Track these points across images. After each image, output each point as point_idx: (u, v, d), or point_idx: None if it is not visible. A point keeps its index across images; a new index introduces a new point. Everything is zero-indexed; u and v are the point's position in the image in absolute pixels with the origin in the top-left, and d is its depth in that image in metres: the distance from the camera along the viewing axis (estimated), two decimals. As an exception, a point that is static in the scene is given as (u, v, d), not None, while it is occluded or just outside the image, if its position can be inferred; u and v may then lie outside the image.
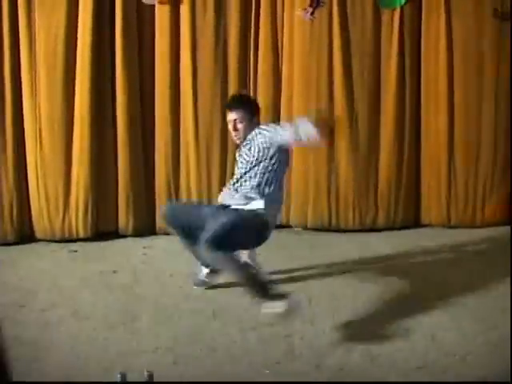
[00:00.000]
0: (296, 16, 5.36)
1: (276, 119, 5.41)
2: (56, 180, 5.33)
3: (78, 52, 5.23)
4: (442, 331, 3.69)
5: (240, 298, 4.16)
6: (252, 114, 4.12)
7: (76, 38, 5.19)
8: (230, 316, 3.94)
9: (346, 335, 3.68)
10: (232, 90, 5.38)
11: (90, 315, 3.96)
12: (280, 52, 5.46)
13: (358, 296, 4.22)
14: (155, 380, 2.35)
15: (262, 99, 5.34)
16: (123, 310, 4.03)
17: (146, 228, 5.53)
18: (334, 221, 5.61)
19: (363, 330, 3.74)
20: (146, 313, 3.99)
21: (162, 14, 5.33)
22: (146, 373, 2.65)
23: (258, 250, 4.33)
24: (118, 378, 2.42)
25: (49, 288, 4.40)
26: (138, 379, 2.51)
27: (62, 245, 5.28)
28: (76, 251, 5.16)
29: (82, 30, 5.17)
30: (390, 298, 4.18)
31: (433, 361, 3.36)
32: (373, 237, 5.50)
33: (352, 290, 4.33)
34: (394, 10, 5.43)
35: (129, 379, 2.38)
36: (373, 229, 5.62)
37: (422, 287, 4.35)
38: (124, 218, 5.46)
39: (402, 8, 5.42)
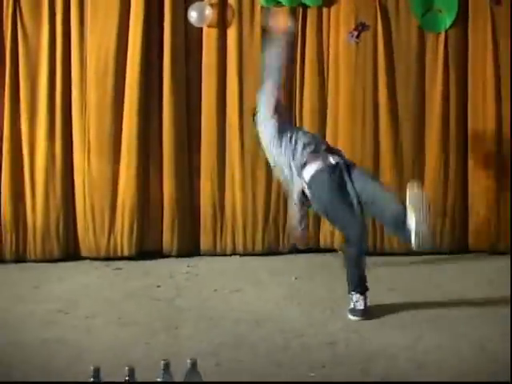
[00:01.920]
0: (341, 39, 5.40)
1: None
2: (102, 199, 5.38)
3: (127, 73, 5.33)
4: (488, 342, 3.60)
5: (283, 310, 4.16)
6: None
7: (126, 59, 5.30)
8: (273, 325, 3.91)
9: (391, 343, 3.61)
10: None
11: (132, 323, 3.97)
12: (326, 74, 5.48)
13: (403, 308, 4.17)
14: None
15: (308, 121, 5.40)
16: (166, 318, 4.04)
17: (190, 248, 5.52)
18: (378, 245, 5.54)
19: (407, 339, 3.67)
20: (189, 321, 4.00)
21: (209, 37, 5.41)
22: (188, 361, 2.64)
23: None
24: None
25: (92, 299, 4.44)
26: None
27: (107, 263, 5.30)
28: (120, 269, 5.17)
29: (131, 50, 5.28)
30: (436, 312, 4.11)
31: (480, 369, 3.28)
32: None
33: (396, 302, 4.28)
34: (438, 33, 5.43)
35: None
36: (418, 253, 5.50)
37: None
38: (168, 238, 5.47)
39: (446, 31, 5.42)
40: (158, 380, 2.56)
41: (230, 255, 5.52)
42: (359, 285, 4.04)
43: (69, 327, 3.89)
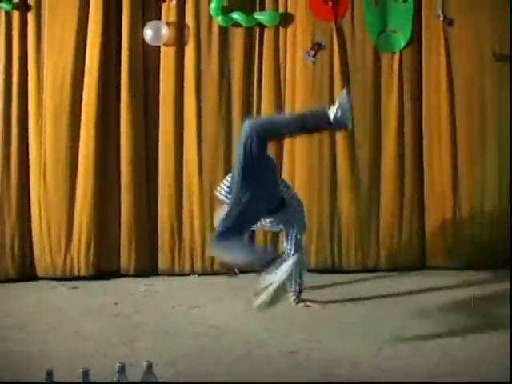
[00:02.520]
0: (298, 58, 5.46)
1: (279, 155, 5.48)
2: (59, 218, 5.30)
3: (84, 93, 5.29)
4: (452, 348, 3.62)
5: (243, 323, 4.13)
6: None
7: (83, 76, 5.27)
8: (233, 337, 3.87)
9: (353, 352, 3.60)
10: (235, 129, 5.43)
11: (89, 337, 3.89)
12: (283, 92, 5.53)
13: (365, 319, 4.18)
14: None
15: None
16: (123, 333, 3.97)
17: (148, 268, 5.46)
18: (337, 262, 5.55)
19: (370, 347, 3.66)
20: (147, 335, 3.93)
21: (167, 56, 5.43)
22: (144, 363, 2.60)
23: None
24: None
25: (49, 315, 4.36)
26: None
27: (63, 282, 5.20)
28: (77, 288, 5.08)
29: (89, 67, 5.26)
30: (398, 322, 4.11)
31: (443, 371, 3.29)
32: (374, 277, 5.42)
33: (358, 315, 4.28)
34: (393, 53, 5.53)
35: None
36: (375, 270, 5.54)
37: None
38: (126, 258, 5.41)
39: (401, 51, 5.52)
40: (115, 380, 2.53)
41: (189, 274, 5.47)
42: None
43: (24, 342, 3.79)
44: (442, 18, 5.48)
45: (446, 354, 3.53)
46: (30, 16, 5.23)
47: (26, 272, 5.30)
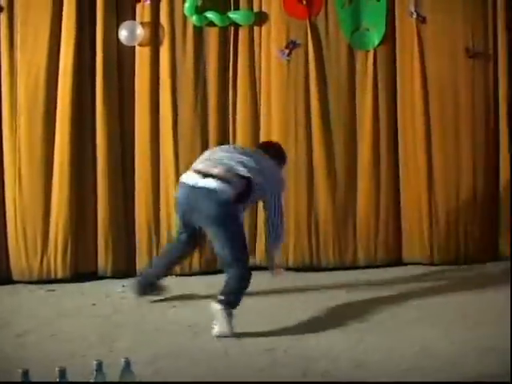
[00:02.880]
0: (273, 56, 5.47)
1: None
2: (35, 221, 5.24)
3: (58, 95, 5.24)
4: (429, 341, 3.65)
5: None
6: None
7: (57, 79, 5.22)
8: (211, 336, 3.86)
9: (331, 347, 3.61)
10: (212, 128, 5.46)
11: (67, 339, 3.86)
12: (258, 91, 5.54)
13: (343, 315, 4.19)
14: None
15: (241, 137, 5.42)
16: (102, 333, 3.96)
17: (125, 269, 5.42)
18: (315, 260, 5.57)
19: (348, 342, 3.68)
20: (126, 335, 3.92)
21: (142, 56, 5.41)
22: (122, 359, 2.59)
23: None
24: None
25: (25, 318, 4.32)
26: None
27: (40, 285, 5.15)
28: (54, 290, 5.04)
29: (62, 72, 5.22)
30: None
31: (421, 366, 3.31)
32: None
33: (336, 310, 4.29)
34: (367, 51, 5.56)
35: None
36: (353, 267, 5.56)
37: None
38: (103, 260, 5.36)
39: (375, 49, 5.56)
40: (91, 381, 2.51)
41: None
42: None
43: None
44: (414, 16, 5.51)
45: (424, 348, 3.55)
46: (3, 17, 5.16)
47: (2, 276, 5.23)
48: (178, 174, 5.39)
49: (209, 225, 4.18)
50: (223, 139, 5.44)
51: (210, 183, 4.09)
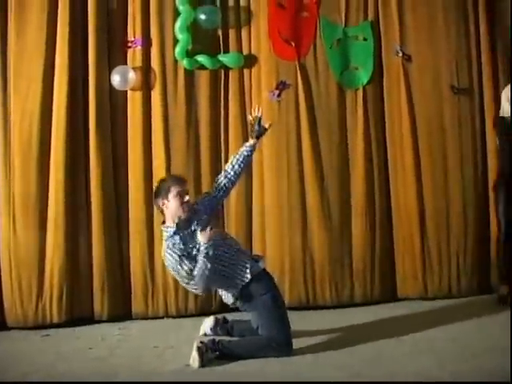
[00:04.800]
0: (264, 98, 5.55)
1: (249, 200, 5.60)
2: (30, 267, 5.26)
3: (52, 140, 5.31)
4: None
5: (220, 362, 4.10)
6: None
7: (51, 123, 5.30)
8: (211, 375, 3.85)
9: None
10: (204, 171, 5.52)
11: (65, 381, 3.83)
12: (250, 133, 5.56)
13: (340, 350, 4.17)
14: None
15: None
16: (99, 375, 3.92)
17: (121, 313, 5.41)
18: (311, 299, 5.56)
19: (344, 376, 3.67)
20: (123, 375, 3.89)
21: (134, 100, 5.49)
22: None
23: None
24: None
25: (21, 363, 4.28)
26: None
27: (35, 331, 5.13)
28: (48, 335, 5.02)
29: (56, 114, 5.30)
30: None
31: None
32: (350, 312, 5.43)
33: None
34: (356, 89, 5.66)
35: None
36: (350, 304, 5.55)
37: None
38: (99, 304, 5.36)
39: (364, 87, 5.65)
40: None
41: (163, 317, 5.44)
42: None
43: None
44: (400, 55, 5.63)
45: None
46: (-4, 63, 5.29)
47: (-4, 323, 5.24)
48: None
49: None
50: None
51: None
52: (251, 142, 4.65)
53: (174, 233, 4.25)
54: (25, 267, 5.26)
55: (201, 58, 5.48)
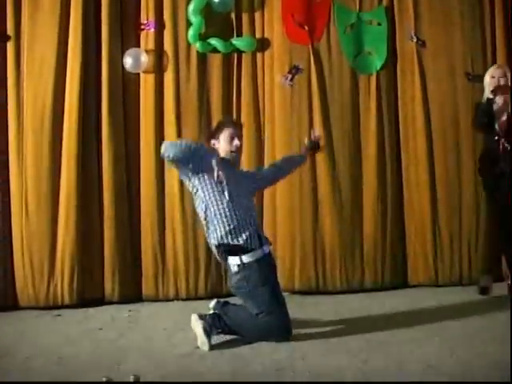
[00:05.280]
0: (276, 82, 5.53)
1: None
2: (41, 248, 5.31)
3: (64, 122, 5.34)
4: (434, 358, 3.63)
5: (229, 343, 4.11)
6: None
7: (63, 106, 5.33)
8: (219, 357, 3.86)
9: (337, 367, 3.60)
10: (216, 153, 5.50)
11: (73, 363, 3.84)
12: (262, 117, 5.60)
13: (349, 336, 4.18)
14: None
15: (245, 161, 5.42)
16: (108, 357, 3.93)
17: (132, 295, 5.45)
18: (321, 283, 5.56)
19: (354, 362, 3.67)
20: (132, 358, 3.89)
21: (146, 82, 5.50)
22: (131, 376, 2.59)
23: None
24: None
25: (31, 343, 4.30)
26: None
27: (47, 311, 5.18)
28: (60, 315, 5.06)
29: (68, 99, 5.32)
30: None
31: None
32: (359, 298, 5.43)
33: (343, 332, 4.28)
34: (370, 74, 5.62)
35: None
36: (360, 290, 5.56)
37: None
38: (110, 285, 5.40)
39: (377, 73, 5.62)
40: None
41: (173, 300, 5.47)
42: None
43: (6, 369, 3.74)
44: (414, 40, 5.59)
45: (430, 367, 3.54)
46: (10, 46, 5.29)
47: (9, 303, 5.28)
48: (182, 201, 5.46)
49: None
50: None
51: None
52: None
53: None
54: (36, 249, 5.31)
55: (214, 42, 5.48)
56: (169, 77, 5.50)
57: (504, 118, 4.97)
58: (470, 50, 5.65)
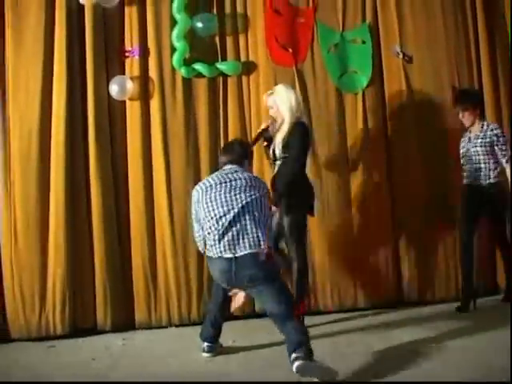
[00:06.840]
0: (262, 104, 5.52)
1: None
2: (32, 278, 5.26)
3: (52, 147, 5.33)
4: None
5: (223, 368, 4.07)
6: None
7: (50, 133, 5.32)
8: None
9: None
10: (204, 177, 5.45)
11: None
12: (250, 138, 5.56)
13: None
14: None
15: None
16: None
17: (125, 322, 5.40)
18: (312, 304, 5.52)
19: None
20: None
21: (132, 109, 5.51)
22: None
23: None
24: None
25: (24, 374, 4.27)
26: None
27: (39, 342, 5.12)
28: (54, 346, 5.01)
29: (55, 128, 5.32)
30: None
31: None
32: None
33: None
34: (356, 93, 5.65)
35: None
36: (353, 309, 5.52)
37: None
38: (102, 313, 5.34)
39: (363, 91, 5.64)
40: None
41: (166, 327, 5.43)
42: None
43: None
44: (401, 56, 5.63)
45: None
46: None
47: (0, 334, 5.21)
48: (172, 223, 5.44)
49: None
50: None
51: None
52: None
53: None
54: (27, 279, 5.27)
55: (198, 66, 5.49)
56: (155, 103, 5.51)
57: None
58: (456, 64, 5.70)
